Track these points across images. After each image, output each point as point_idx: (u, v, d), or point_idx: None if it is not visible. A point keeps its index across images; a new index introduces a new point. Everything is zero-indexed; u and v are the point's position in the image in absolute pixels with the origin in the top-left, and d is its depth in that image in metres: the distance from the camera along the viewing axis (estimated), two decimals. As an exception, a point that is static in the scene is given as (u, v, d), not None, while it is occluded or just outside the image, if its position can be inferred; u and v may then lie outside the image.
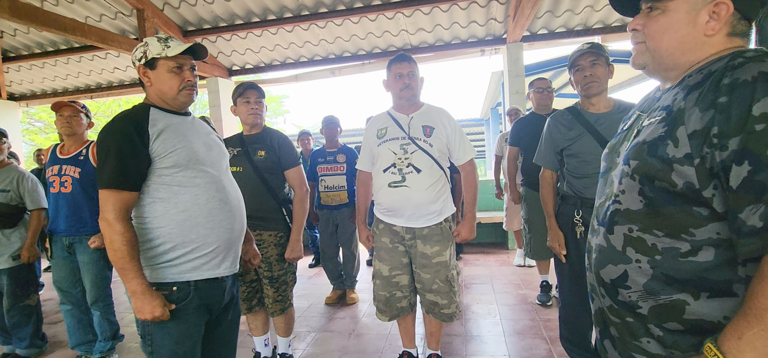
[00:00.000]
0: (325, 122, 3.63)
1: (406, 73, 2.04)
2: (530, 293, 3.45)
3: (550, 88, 3.15)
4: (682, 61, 0.82)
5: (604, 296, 0.91)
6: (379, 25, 5.04)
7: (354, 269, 3.60)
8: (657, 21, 0.82)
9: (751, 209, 0.66)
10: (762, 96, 0.65)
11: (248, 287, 2.26)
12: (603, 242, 0.90)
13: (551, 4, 4.63)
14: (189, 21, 4.98)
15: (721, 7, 0.75)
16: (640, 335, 0.84)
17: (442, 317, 2.10)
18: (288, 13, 4.81)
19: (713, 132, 0.70)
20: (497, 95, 8.37)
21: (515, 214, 4.16)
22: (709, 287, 0.74)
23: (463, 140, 2.10)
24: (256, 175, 2.18)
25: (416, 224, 2.03)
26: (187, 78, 1.41)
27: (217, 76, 5.93)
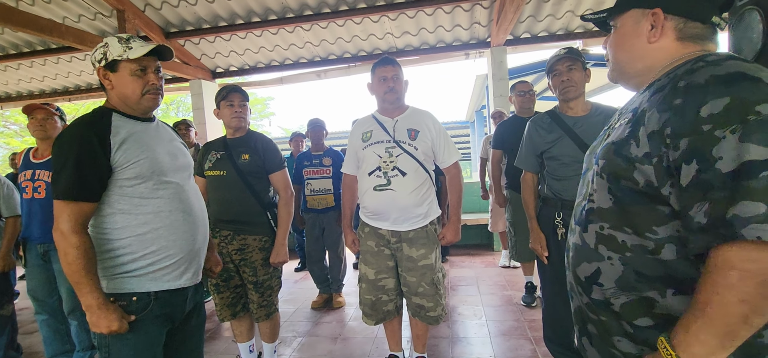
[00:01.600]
0: (310, 125, 3.62)
1: (391, 76, 2.04)
2: (515, 294, 3.49)
3: (531, 91, 3.20)
4: (639, 68, 0.88)
5: (581, 294, 0.94)
6: (365, 28, 5.05)
7: (340, 272, 3.58)
8: (613, 37, 0.93)
9: (698, 206, 0.68)
10: (711, 99, 0.68)
11: (233, 293, 2.23)
12: (578, 241, 0.94)
13: (533, 8, 4.70)
14: (171, 22, 4.90)
15: (656, 15, 0.83)
16: (614, 333, 0.86)
17: (428, 320, 2.11)
18: (272, 15, 4.78)
19: (667, 132, 0.73)
20: (482, 98, 8.47)
21: (500, 216, 4.20)
22: (674, 284, 0.77)
23: (448, 143, 2.12)
24: (241, 179, 2.15)
25: (402, 227, 2.03)
26: (151, 81, 1.34)
27: (201, 78, 5.85)
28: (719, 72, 0.70)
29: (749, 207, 0.62)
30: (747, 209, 0.62)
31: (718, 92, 0.68)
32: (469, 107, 10.74)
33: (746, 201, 0.63)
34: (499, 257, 4.61)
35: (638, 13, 0.86)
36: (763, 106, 0.65)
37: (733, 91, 0.67)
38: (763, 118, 0.64)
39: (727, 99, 0.67)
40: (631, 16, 0.88)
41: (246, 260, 2.16)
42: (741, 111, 0.65)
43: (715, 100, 0.67)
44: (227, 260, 2.17)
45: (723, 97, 0.67)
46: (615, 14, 0.92)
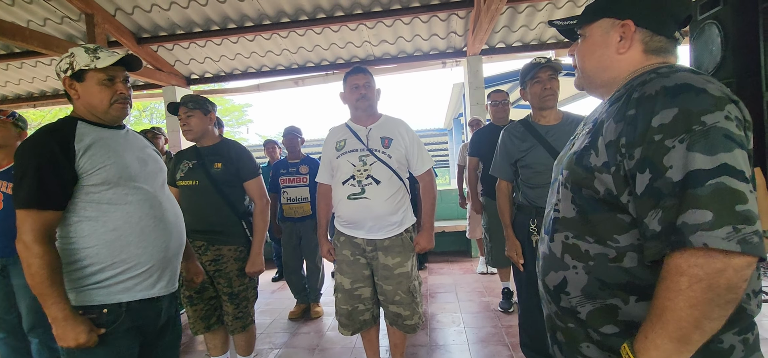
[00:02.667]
0: (285, 133, 3.58)
1: (362, 84, 2.05)
2: (493, 300, 3.52)
3: (505, 100, 3.25)
4: (606, 78, 0.89)
5: (550, 302, 0.95)
6: (343, 36, 5.05)
7: (318, 281, 3.54)
8: (582, 46, 0.93)
9: (652, 213, 0.70)
10: (661, 109, 0.70)
11: (207, 305, 2.17)
12: (546, 250, 0.95)
13: (508, 19, 4.81)
14: (143, 28, 4.78)
15: (627, 27, 0.84)
16: (581, 340, 0.87)
17: (405, 329, 2.10)
18: (249, 21, 4.73)
19: (622, 142, 0.75)
20: (459, 106, 8.58)
21: (478, 222, 4.24)
22: (636, 291, 0.78)
23: (421, 150, 2.13)
24: (214, 188, 2.10)
25: (377, 235, 2.02)
26: (119, 91, 1.33)
27: (175, 85, 5.72)
28: (668, 83, 0.72)
29: (696, 215, 0.64)
30: (694, 216, 0.64)
31: (667, 103, 0.70)
32: (447, 115, 10.86)
33: (694, 209, 0.64)
34: (477, 263, 4.66)
35: (608, 23, 0.87)
36: (708, 116, 0.67)
37: (680, 102, 0.69)
38: (707, 128, 0.66)
39: (676, 110, 0.69)
40: (600, 25, 0.88)
41: (220, 271, 2.11)
42: (687, 121, 0.67)
43: (664, 110, 0.70)
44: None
45: (672, 107, 0.69)
46: (585, 23, 0.92)
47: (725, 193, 0.63)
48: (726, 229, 0.62)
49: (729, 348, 0.75)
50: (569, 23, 0.98)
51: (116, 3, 4.33)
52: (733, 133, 0.67)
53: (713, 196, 0.63)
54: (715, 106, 0.68)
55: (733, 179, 0.64)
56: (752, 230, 0.63)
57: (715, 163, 0.64)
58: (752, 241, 0.62)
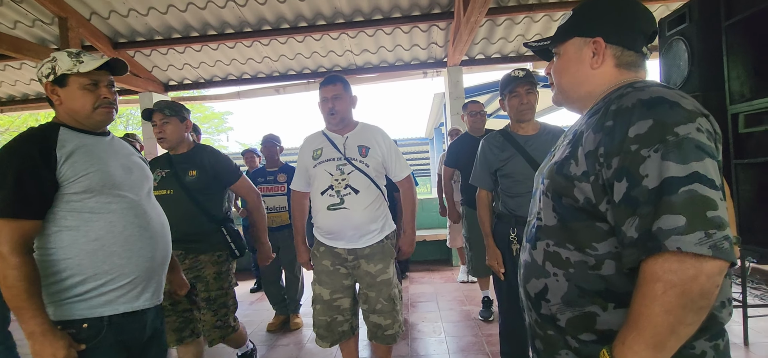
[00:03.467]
0: (263, 141, 3.54)
1: (331, 96, 2.03)
2: (473, 309, 3.54)
3: (482, 111, 3.32)
4: (582, 93, 0.93)
5: (531, 310, 0.97)
6: (324, 44, 5.05)
7: (297, 292, 3.49)
8: (557, 64, 0.97)
9: (629, 221, 0.72)
10: (637, 120, 0.73)
11: (180, 317, 2.11)
12: (528, 258, 0.97)
13: (487, 31, 4.91)
14: (120, 33, 4.68)
15: (598, 44, 0.88)
16: (560, 348, 0.89)
17: (385, 340, 2.08)
18: (229, 28, 4.68)
19: (600, 152, 0.78)
20: (440, 116, 8.67)
21: (458, 231, 4.27)
22: (614, 298, 0.80)
23: (398, 158, 2.14)
24: (188, 197, 2.06)
25: (358, 244, 2.01)
26: (103, 95, 1.30)
27: (152, 91, 5.60)
28: (644, 96, 0.76)
29: (670, 220, 0.66)
30: (668, 221, 0.66)
31: (642, 115, 0.73)
32: (428, 125, 10.96)
33: (668, 214, 0.67)
34: (458, 272, 4.68)
35: (580, 41, 0.91)
36: (681, 127, 0.70)
37: (655, 114, 0.72)
38: (680, 139, 0.69)
39: (651, 121, 0.72)
40: (573, 44, 0.92)
41: (199, 276, 2.07)
42: (662, 132, 0.70)
43: (640, 121, 0.73)
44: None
45: (647, 119, 0.72)
46: (558, 42, 0.96)
47: (697, 200, 0.66)
48: (698, 234, 0.65)
49: (701, 354, 0.77)
50: (543, 44, 1.02)
51: (91, 7, 4.23)
52: (704, 144, 0.70)
53: (686, 202, 0.66)
54: (688, 119, 0.71)
55: (704, 187, 0.67)
56: (722, 235, 0.65)
57: (688, 172, 0.67)
58: (722, 246, 0.65)
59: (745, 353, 2.52)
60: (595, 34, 0.88)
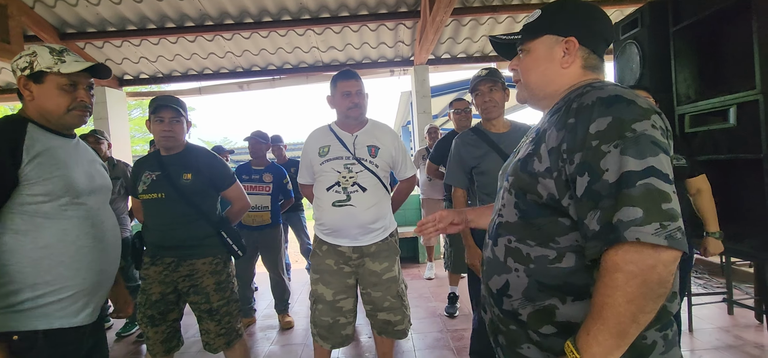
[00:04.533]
0: (250, 138, 3.40)
1: (355, 91, 1.99)
2: (439, 306, 3.58)
3: (467, 108, 3.27)
4: (549, 91, 0.95)
5: (493, 306, 0.98)
6: (290, 40, 4.95)
7: (285, 292, 3.39)
8: (525, 60, 0.98)
9: (591, 214, 0.74)
10: (597, 117, 0.76)
11: (170, 327, 1.98)
12: (490, 254, 0.98)
13: (452, 31, 4.97)
14: (68, 23, 4.40)
15: (570, 43, 0.90)
16: (522, 342, 0.90)
17: (396, 335, 2.07)
18: (189, 21, 4.50)
19: (563, 148, 0.80)
20: (407, 114, 8.73)
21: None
22: (573, 291, 0.83)
23: (406, 158, 2.16)
24: (184, 201, 1.92)
25: (362, 242, 1.99)
26: (80, 98, 1.25)
27: (105, 85, 5.30)
28: (603, 95, 0.79)
29: (630, 212, 0.69)
30: (628, 213, 0.69)
31: (602, 112, 0.77)
32: (396, 122, 11.02)
33: (627, 207, 0.70)
34: (425, 268, 4.72)
35: (552, 39, 0.92)
36: (638, 124, 0.74)
37: (613, 111, 0.76)
38: (637, 135, 0.73)
39: (610, 118, 0.75)
40: (544, 41, 0.93)
41: (196, 287, 1.94)
42: (620, 128, 0.74)
43: (600, 118, 0.76)
44: (169, 289, 1.95)
45: (607, 116, 0.76)
46: (528, 39, 0.96)
47: (653, 192, 0.70)
48: (654, 225, 0.68)
49: (652, 344, 0.80)
50: (512, 38, 1.03)
51: (35, -6, 3.95)
52: (659, 140, 0.74)
53: (643, 195, 0.69)
54: (643, 116, 0.75)
55: (659, 181, 0.70)
56: (676, 226, 0.69)
57: (644, 166, 0.71)
58: (676, 236, 0.68)
59: (689, 339, 2.68)
60: (570, 34, 0.90)
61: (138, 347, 3.14)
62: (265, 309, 3.75)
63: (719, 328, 2.83)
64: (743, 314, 2.99)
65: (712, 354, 2.49)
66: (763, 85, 2.04)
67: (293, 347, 2.95)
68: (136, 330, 3.35)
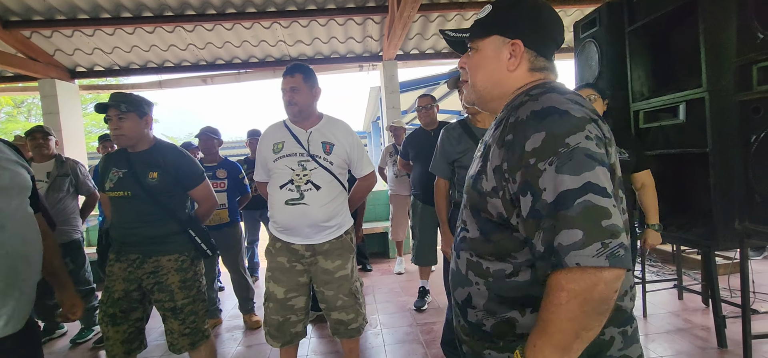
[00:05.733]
0: (201, 134, 3.28)
1: (288, 88, 1.95)
2: (409, 300, 3.61)
3: (430, 105, 3.31)
4: (495, 93, 0.92)
5: (458, 316, 0.98)
6: (255, 33, 4.83)
7: (248, 290, 3.30)
8: (473, 58, 0.94)
9: (537, 235, 0.73)
10: (532, 133, 0.74)
11: (132, 327, 1.91)
12: (454, 266, 0.98)
13: (421, 27, 5.00)
14: (11, 9, 4.09)
15: (516, 46, 0.87)
16: (484, 350, 0.91)
17: (349, 334, 2.06)
18: (147, 11, 4.29)
19: (504, 168, 0.78)
20: (377, 110, 8.72)
21: (399, 224, 4.36)
22: (531, 303, 0.82)
23: (362, 155, 2.11)
24: (150, 199, 1.87)
25: (315, 240, 1.96)
26: None
27: (55, 77, 4.98)
28: (536, 107, 0.77)
29: (569, 235, 0.67)
30: (567, 237, 0.67)
31: (536, 127, 0.74)
32: (366, 118, 10.99)
33: (566, 230, 0.68)
34: (395, 263, 4.75)
35: (499, 40, 0.89)
36: (571, 137, 0.71)
37: (546, 126, 0.73)
38: (571, 150, 0.70)
39: (544, 133, 0.73)
40: (492, 41, 0.90)
41: (161, 284, 1.88)
42: (554, 144, 0.71)
43: (534, 134, 0.74)
44: (133, 287, 1.88)
45: (540, 131, 0.73)
46: (477, 37, 0.93)
47: (592, 210, 0.67)
48: (595, 246, 0.66)
49: (610, 339, 0.82)
50: (461, 36, 0.99)
51: (-27, -22, 3.65)
52: (594, 152, 0.71)
53: (581, 215, 0.67)
54: (577, 127, 0.73)
55: (597, 196, 0.68)
56: (618, 243, 0.67)
57: (581, 183, 0.68)
58: (618, 254, 0.67)
59: (644, 325, 2.83)
60: (515, 36, 0.87)
61: (95, 353, 2.98)
62: (231, 310, 3.66)
63: (670, 312, 3.00)
64: (692, 299, 3.19)
65: (665, 337, 2.64)
66: (708, 83, 2.17)
67: (261, 348, 2.89)
68: (93, 336, 3.19)
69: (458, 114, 9.30)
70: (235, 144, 10.62)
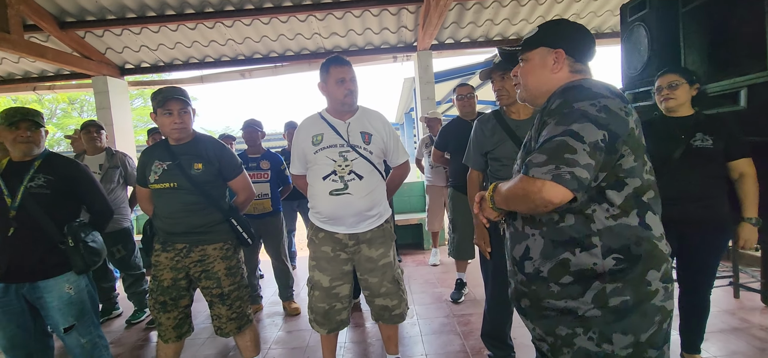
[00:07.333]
0: (245, 126, 3.40)
1: (349, 78, 1.98)
2: (445, 291, 3.60)
3: (470, 94, 3.24)
4: (543, 90, 1.18)
5: (517, 273, 1.17)
6: (291, 27, 4.90)
7: (289, 279, 3.41)
8: (524, 68, 1.22)
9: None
10: (555, 99, 1.06)
11: (181, 313, 2.02)
12: (512, 228, 1.21)
13: (456, 16, 4.91)
14: (67, 11, 4.35)
15: (559, 53, 1.14)
16: (544, 297, 1.09)
17: (393, 320, 2.11)
18: (189, 9, 4.45)
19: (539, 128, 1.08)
20: (410, 101, 8.67)
21: (436, 215, 4.34)
22: (578, 244, 1.03)
23: (398, 144, 2.15)
24: (196, 189, 1.95)
25: (359, 229, 2.01)
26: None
27: (107, 74, 5.27)
28: (568, 85, 1.07)
29: (537, 158, 0.96)
30: (536, 158, 0.96)
31: (559, 96, 1.05)
32: (399, 109, 10.96)
33: (538, 154, 0.97)
34: (430, 255, 4.74)
35: (545, 50, 1.16)
36: (579, 103, 0.98)
37: (565, 95, 1.03)
38: (572, 109, 0.98)
39: (561, 100, 1.02)
40: (539, 52, 1.17)
41: (208, 272, 1.98)
42: (563, 106, 1.00)
43: (557, 100, 1.04)
44: (181, 275, 1.98)
45: (560, 98, 1.03)
46: (526, 50, 1.20)
47: (561, 146, 0.93)
48: (549, 167, 0.93)
49: (655, 290, 1.01)
50: (515, 49, 1.26)
51: (34, -18, 3.90)
52: (591, 113, 0.96)
53: (551, 147, 0.94)
54: (588, 98, 0.99)
55: (572, 140, 0.93)
56: (569, 170, 0.91)
57: (565, 129, 0.95)
58: (564, 176, 0.91)
59: (696, 323, 2.68)
60: (558, 47, 1.14)
61: (148, 333, 3.17)
62: (271, 296, 3.77)
63: (725, 311, 2.84)
64: (749, 298, 3.00)
65: (718, 336, 2.50)
66: (774, 67, 2.00)
67: (301, 333, 2.97)
68: (146, 317, 3.39)
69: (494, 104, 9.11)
70: (270, 137, 10.87)
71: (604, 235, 1.00)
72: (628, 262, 1.00)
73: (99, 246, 1.96)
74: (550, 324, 1.09)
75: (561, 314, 1.06)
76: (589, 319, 1.01)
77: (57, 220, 1.86)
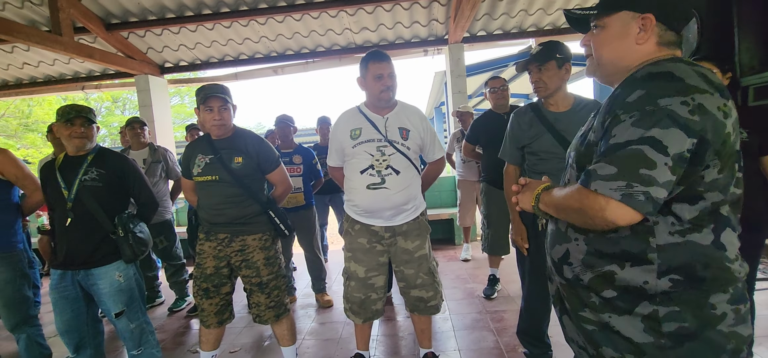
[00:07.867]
0: (278, 122, 3.48)
1: (387, 74, 1.99)
2: (477, 287, 3.56)
3: (504, 86, 3.19)
4: (621, 66, 0.94)
5: (556, 274, 1.05)
6: (322, 23, 4.95)
7: (322, 271, 3.48)
8: (599, 36, 0.98)
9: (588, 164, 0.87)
10: (634, 90, 0.83)
11: (223, 299, 2.11)
12: (554, 226, 1.06)
13: (489, 7, 4.80)
14: (112, 13, 4.57)
15: (647, 20, 0.89)
16: (583, 307, 0.97)
17: (428, 311, 2.12)
18: (225, 7, 4.57)
19: (605, 117, 0.87)
20: (441, 95, 8.58)
21: (468, 210, 4.29)
22: (629, 258, 0.88)
23: (434, 139, 2.16)
24: (236, 182, 2.03)
25: (395, 222, 2.04)
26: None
27: (148, 73, 5.50)
28: (653, 70, 0.83)
29: (605, 168, 0.80)
30: (603, 168, 0.80)
31: (640, 86, 0.81)
32: (429, 104, 10.87)
33: (605, 163, 0.80)
34: (461, 250, 4.69)
35: (628, 15, 0.91)
36: (664, 99, 0.77)
37: (649, 86, 0.80)
38: (656, 109, 0.77)
39: (642, 92, 0.80)
40: (620, 17, 0.92)
41: (247, 261, 2.06)
42: (644, 102, 0.79)
43: (636, 91, 0.81)
44: (223, 264, 2.07)
45: (642, 89, 0.80)
46: (604, 14, 0.95)
47: (637, 157, 0.76)
48: (619, 183, 0.77)
49: (721, 315, 0.83)
50: (587, 13, 1.02)
51: (82, -13, 4.11)
52: (680, 116, 0.75)
53: (624, 157, 0.77)
54: (679, 92, 0.77)
55: (652, 150, 0.75)
56: (643, 189, 0.75)
57: (644, 135, 0.76)
58: (637, 196, 0.76)
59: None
60: (646, 10, 0.88)
61: (188, 321, 3.31)
62: (304, 288, 3.85)
63: (780, 314, 2.66)
64: (807, 300, 2.79)
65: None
66: (843, 51, 1.85)
67: (334, 325, 3.02)
68: (186, 305, 3.54)
69: (526, 97, 8.88)
70: (302, 131, 11.05)
71: (665, 252, 0.84)
72: (688, 285, 0.83)
73: (146, 236, 2.06)
74: (592, 337, 0.96)
75: (603, 329, 0.93)
76: (640, 345, 0.86)
77: (108, 211, 1.97)
